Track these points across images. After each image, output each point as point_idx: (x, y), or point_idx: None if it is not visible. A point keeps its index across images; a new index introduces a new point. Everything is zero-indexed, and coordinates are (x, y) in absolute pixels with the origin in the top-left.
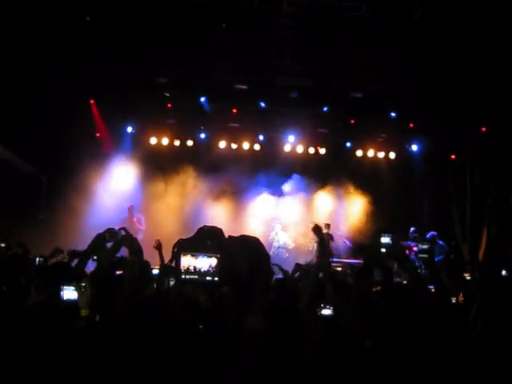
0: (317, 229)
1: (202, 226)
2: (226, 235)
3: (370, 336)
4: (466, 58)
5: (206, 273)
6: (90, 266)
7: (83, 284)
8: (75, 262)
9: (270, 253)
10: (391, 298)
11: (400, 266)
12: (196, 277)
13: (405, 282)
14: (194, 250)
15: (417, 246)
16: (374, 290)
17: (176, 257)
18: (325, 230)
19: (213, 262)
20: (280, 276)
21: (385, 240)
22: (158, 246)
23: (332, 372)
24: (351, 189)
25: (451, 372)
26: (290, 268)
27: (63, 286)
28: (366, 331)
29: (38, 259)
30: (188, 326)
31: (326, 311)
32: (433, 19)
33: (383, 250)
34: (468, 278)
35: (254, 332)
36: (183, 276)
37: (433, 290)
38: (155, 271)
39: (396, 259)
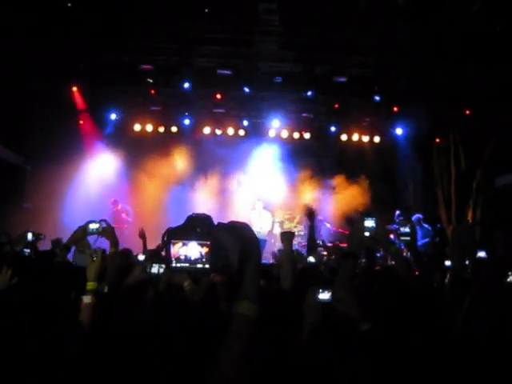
0: (311, 213)
1: (190, 213)
2: (215, 222)
3: (365, 320)
4: (451, 42)
5: (197, 261)
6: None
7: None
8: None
9: None
10: (376, 281)
11: (384, 250)
12: (186, 265)
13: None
14: (183, 237)
15: (398, 225)
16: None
17: (166, 245)
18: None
19: (203, 249)
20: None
21: (368, 224)
22: (142, 235)
23: (328, 356)
24: (336, 173)
25: (442, 354)
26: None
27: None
28: (362, 315)
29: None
30: (176, 312)
31: (324, 295)
32: (418, 3)
33: (367, 233)
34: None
35: (246, 317)
36: (173, 265)
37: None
38: (141, 257)
39: (379, 243)
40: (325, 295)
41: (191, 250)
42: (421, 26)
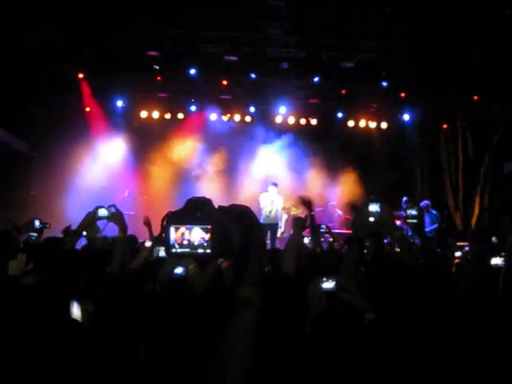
0: (305, 203)
1: (190, 197)
2: (216, 205)
3: (369, 309)
4: (458, 27)
5: (198, 246)
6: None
7: None
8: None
9: (260, 219)
10: (383, 266)
11: (389, 235)
12: (187, 250)
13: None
14: (183, 222)
15: (405, 211)
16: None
17: (165, 230)
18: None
19: (205, 233)
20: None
21: (373, 208)
22: (147, 222)
23: (332, 345)
24: (343, 160)
25: (448, 342)
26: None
27: None
28: (366, 303)
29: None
30: (177, 298)
31: (328, 284)
32: None
33: (371, 218)
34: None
35: (250, 302)
36: (175, 250)
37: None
38: (148, 244)
39: (384, 227)
40: (329, 284)
41: (194, 235)
42: (427, 11)
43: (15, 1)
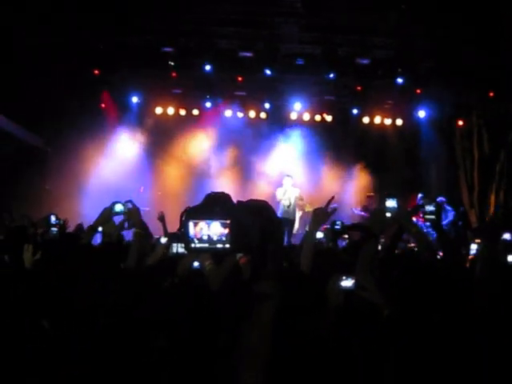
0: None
1: (208, 192)
2: (235, 200)
3: (387, 305)
4: (474, 24)
5: (217, 241)
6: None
7: None
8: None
9: (278, 214)
10: (399, 262)
11: (405, 230)
12: (207, 245)
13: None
14: (202, 217)
15: (423, 207)
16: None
17: (184, 225)
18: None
19: (226, 230)
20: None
21: (390, 204)
22: (161, 218)
23: (350, 342)
24: (358, 156)
25: (464, 338)
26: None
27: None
28: (384, 301)
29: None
30: (196, 292)
31: (347, 283)
32: None
33: (388, 214)
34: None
35: (268, 296)
36: (194, 245)
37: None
38: (163, 240)
39: (401, 223)
40: (348, 283)
41: (213, 230)
42: (443, 8)
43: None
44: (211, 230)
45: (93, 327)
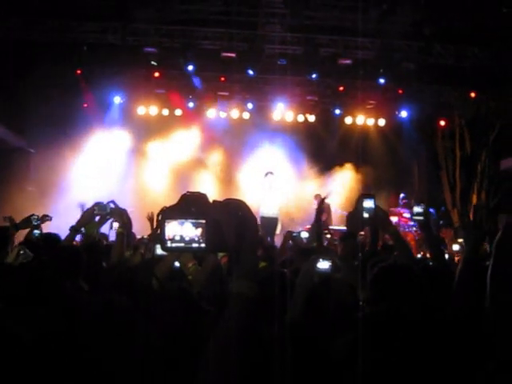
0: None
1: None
2: (211, 200)
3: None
4: (455, 24)
5: (192, 240)
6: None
7: None
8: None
9: (260, 213)
10: (377, 261)
11: (382, 230)
12: (182, 245)
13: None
14: (178, 217)
15: (411, 208)
16: None
17: (160, 225)
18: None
19: (198, 230)
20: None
21: (367, 204)
22: (150, 218)
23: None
24: (340, 157)
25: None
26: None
27: None
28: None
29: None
30: (177, 293)
31: (323, 265)
32: None
33: (366, 214)
34: None
35: (243, 296)
36: (169, 245)
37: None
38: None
39: (378, 223)
40: (324, 264)
41: (186, 231)
42: (425, 8)
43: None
44: (183, 231)
45: (76, 326)
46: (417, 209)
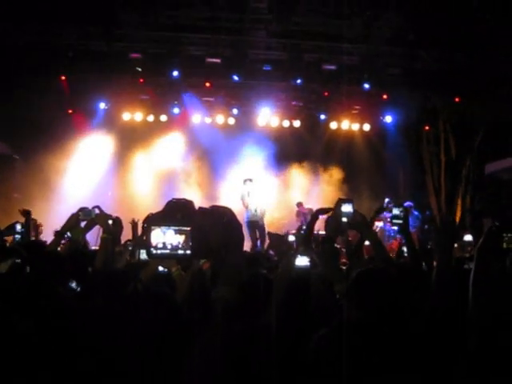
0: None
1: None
2: (197, 207)
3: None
4: (440, 29)
5: (177, 247)
6: None
7: None
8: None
9: (245, 218)
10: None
11: (361, 234)
12: (167, 251)
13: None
14: (163, 224)
15: (391, 211)
16: None
17: (146, 232)
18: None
19: (181, 237)
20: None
21: (346, 209)
22: (134, 225)
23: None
24: (325, 162)
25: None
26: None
27: None
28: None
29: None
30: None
31: (302, 261)
32: None
33: (344, 219)
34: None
35: (226, 302)
36: (154, 251)
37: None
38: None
39: (357, 227)
40: (302, 261)
41: (169, 238)
42: (409, 14)
43: None
44: (166, 238)
45: (60, 330)
46: (396, 212)
